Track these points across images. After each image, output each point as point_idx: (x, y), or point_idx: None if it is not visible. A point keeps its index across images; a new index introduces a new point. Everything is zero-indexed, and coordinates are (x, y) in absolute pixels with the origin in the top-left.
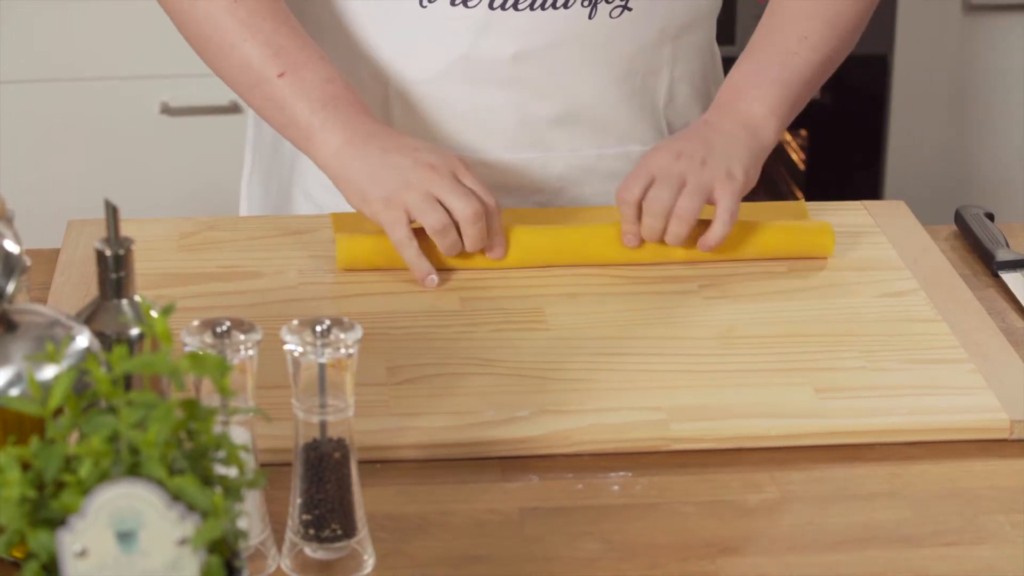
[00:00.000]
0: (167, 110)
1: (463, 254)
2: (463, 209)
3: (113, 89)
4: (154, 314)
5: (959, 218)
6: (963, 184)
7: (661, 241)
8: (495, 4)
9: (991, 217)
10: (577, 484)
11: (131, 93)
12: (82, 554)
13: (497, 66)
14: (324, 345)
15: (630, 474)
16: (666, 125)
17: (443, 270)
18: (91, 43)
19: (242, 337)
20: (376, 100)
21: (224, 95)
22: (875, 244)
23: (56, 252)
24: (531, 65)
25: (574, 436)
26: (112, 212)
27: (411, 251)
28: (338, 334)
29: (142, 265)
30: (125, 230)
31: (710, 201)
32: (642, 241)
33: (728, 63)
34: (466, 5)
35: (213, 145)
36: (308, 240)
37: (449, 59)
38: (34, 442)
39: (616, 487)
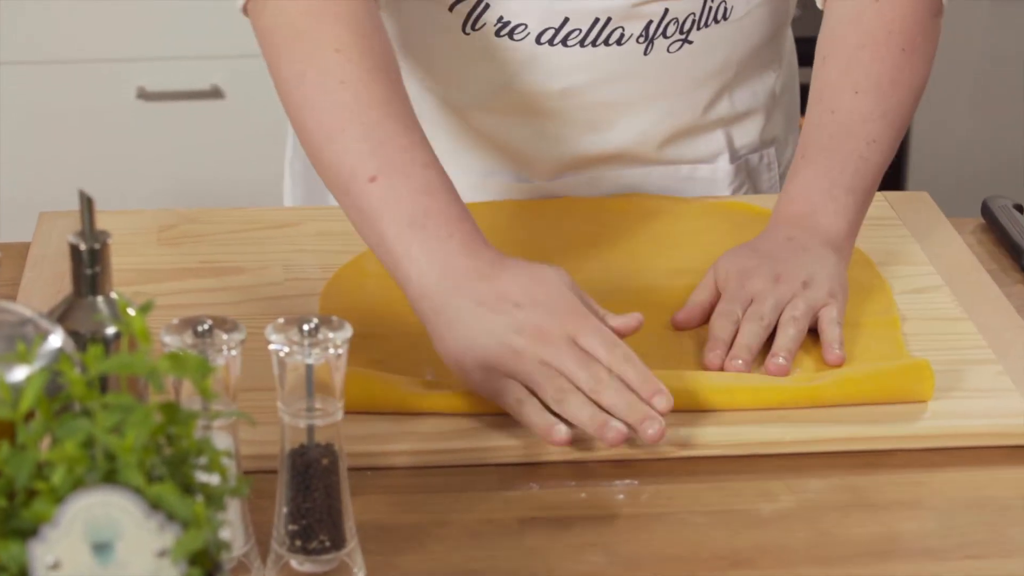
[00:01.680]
0: (144, 95)
1: None
2: (587, 381)
3: (86, 73)
4: (131, 312)
5: (986, 210)
6: (990, 174)
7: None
8: (543, 39)
9: (1020, 209)
10: (580, 492)
11: (106, 77)
12: (55, 566)
13: (543, 99)
14: (312, 345)
15: (636, 482)
16: (727, 140)
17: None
18: (62, 24)
19: (225, 336)
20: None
21: (205, 79)
22: (896, 238)
23: (27, 246)
24: (580, 100)
25: (577, 442)
26: (87, 204)
27: (530, 410)
28: (326, 333)
29: (118, 260)
30: (100, 223)
31: (813, 321)
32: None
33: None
34: (512, 37)
35: (193, 132)
36: (294, 234)
37: (492, 88)
38: (3, 448)
39: (621, 496)
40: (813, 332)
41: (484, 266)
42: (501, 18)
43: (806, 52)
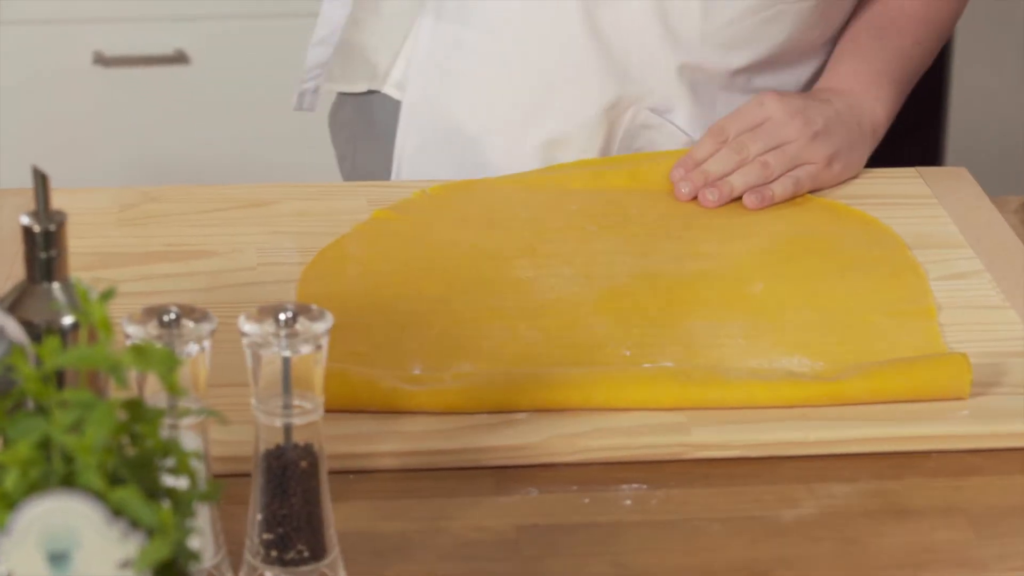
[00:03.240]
0: (101, 60)
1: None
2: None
3: (36, 35)
4: (91, 300)
5: None
6: None
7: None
8: None
9: None
10: (583, 498)
11: (58, 40)
12: None
13: None
14: (289, 336)
15: (645, 486)
16: None
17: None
18: None
19: (193, 327)
20: None
21: (168, 42)
22: (932, 218)
23: None
24: None
25: (579, 442)
26: (41, 181)
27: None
28: (305, 323)
29: (76, 243)
30: (56, 202)
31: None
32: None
33: None
34: None
35: (156, 101)
36: (269, 213)
37: None
38: None
39: (628, 501)
40: (820, 316)
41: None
42: None
43: None
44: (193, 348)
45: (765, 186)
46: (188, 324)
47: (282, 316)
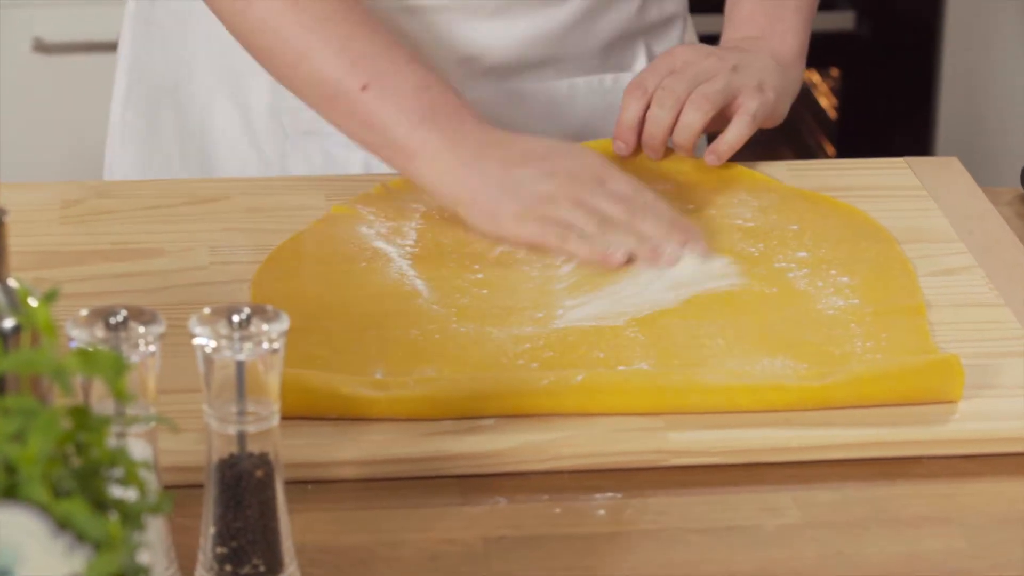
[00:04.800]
0: (41, 47)
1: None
2: (623, 214)
3: None
4: (33, 302)
5: None
6: None
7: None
8: None
9: None
10: (554, 508)
11: None
12: None
13: None
14: (243, 339)
15: (619, 495)
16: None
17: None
18: None
19: (142, 329)
20: None
21: (112, 28)
22: (921, 211)
23: None
24: None
25: (550, 449)
26: None
27: (577, 242)
28: (260, 325)
29: (16, 241)
30: None
31: (731, 108)
32: (637, 150)
33: None
34: None
35: (100, 90)
36: (221, 209)
37: None
38: None
39: (602, 511)
40: (804, 314)
41: (503, 136)
42: None
43: None
44: (142, 352)
45: (719, 140)
46: (136, 327)
47: (235, 318)
